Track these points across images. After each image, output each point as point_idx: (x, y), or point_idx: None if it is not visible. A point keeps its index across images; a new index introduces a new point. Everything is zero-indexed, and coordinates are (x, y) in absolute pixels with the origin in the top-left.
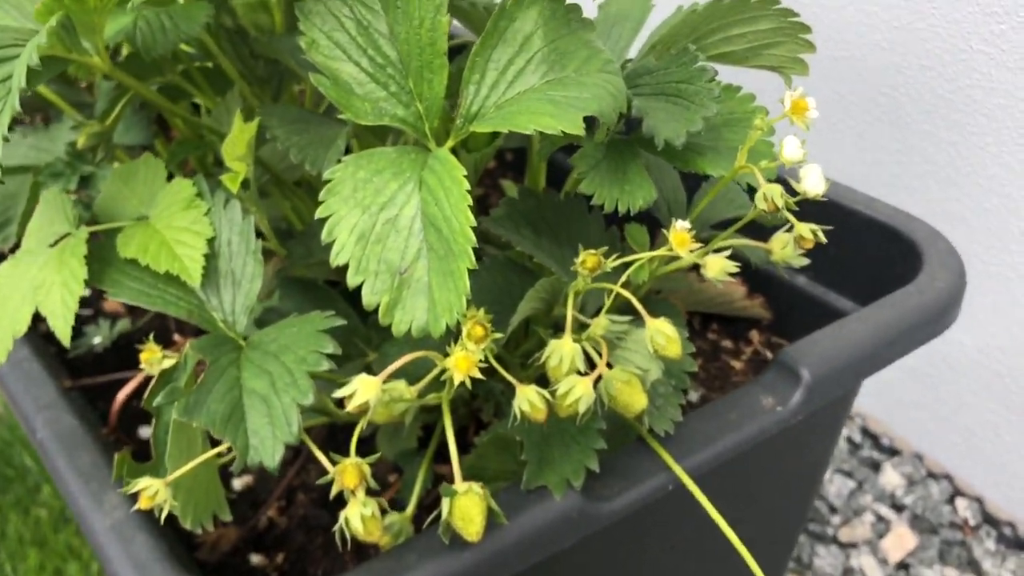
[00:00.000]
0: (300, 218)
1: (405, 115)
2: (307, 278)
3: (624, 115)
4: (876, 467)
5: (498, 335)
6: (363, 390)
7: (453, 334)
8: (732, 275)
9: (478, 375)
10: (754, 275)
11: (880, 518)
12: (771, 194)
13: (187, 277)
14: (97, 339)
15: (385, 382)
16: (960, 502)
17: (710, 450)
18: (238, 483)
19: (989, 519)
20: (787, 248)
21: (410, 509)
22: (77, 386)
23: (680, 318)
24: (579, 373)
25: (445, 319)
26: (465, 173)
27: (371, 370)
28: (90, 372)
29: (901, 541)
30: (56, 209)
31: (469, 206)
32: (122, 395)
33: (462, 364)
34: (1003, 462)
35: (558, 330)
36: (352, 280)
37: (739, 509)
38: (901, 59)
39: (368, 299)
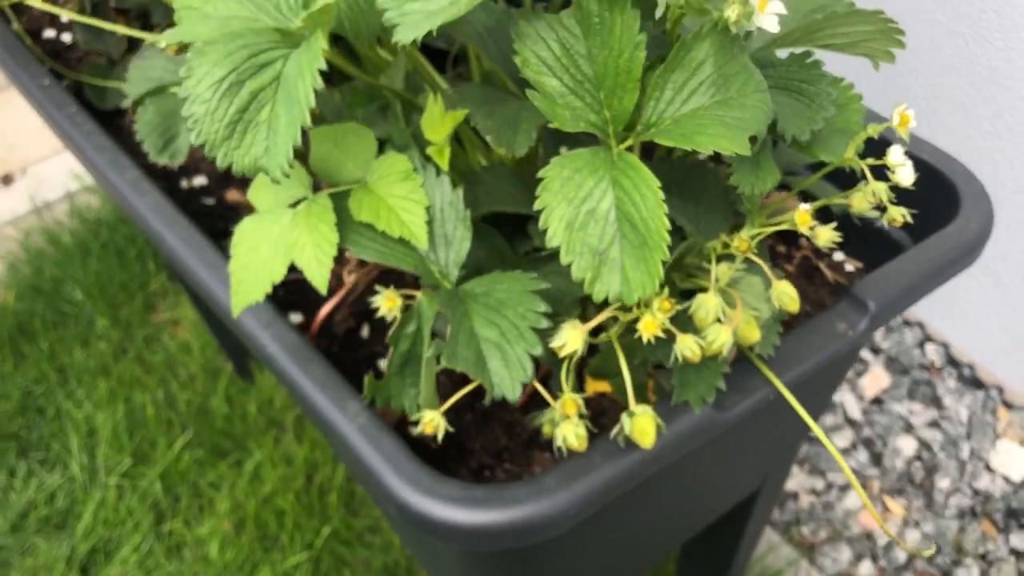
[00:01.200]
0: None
1: (596, 120)
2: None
3: None
4: None
5: (679, 307)
6: (572, 340)
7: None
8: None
9: (662, 335)
10: (805, 192)
11: (860, 359)
12: (878, 191)
13: (417, 241)
14: None
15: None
16: (929, 347)
17: (801, 367)
18: (385, 364)
19: (952, 361)
20: (864, 204)
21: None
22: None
23: (764, 246)
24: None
25: (638, 294)
26: (660, 184)
27: None
28: None
29: (876, 380)
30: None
31: (665, 213)
32: (323, 312)
33: (650, 327)
34: (968, 313)
35: (686, 274)
36: (564, 260)
37: (805, 401)
38: None
39: (576, 275)
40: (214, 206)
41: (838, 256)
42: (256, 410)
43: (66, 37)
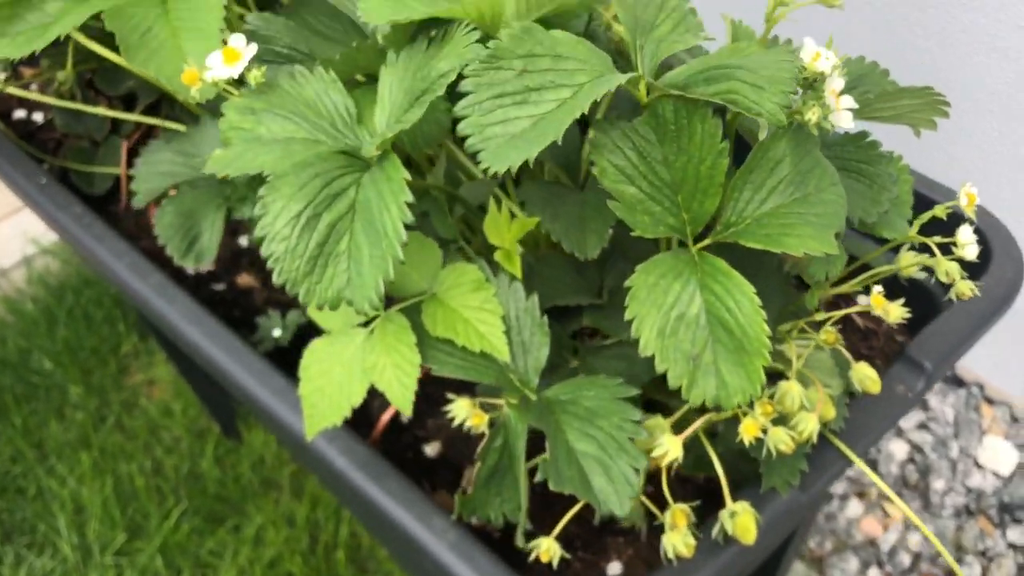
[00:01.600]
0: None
1: (674, 223)
2: None
3: None
4: None
5: (779, 410)
6: (673, 448)
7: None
8: None
9: (761, 436)
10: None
11: None
12: (951, 272)
13: (499, 354)
14: (277, 332)
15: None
16: None
17: (871, 436)
18: (431, 450)
19: None
20: (913, 268)
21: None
22: None
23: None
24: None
25: (738, 399)
26: (755, 290)
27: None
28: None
29: None
30: None
31: (764, 320)
32: (385, 418)
33: (751, 430)
34: None
35: None
36: (659, 368)
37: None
38: None
39: (672, 382)
40: (225, 291)
41: (862, 299)
42: (249, 470)
43: (37, 116)
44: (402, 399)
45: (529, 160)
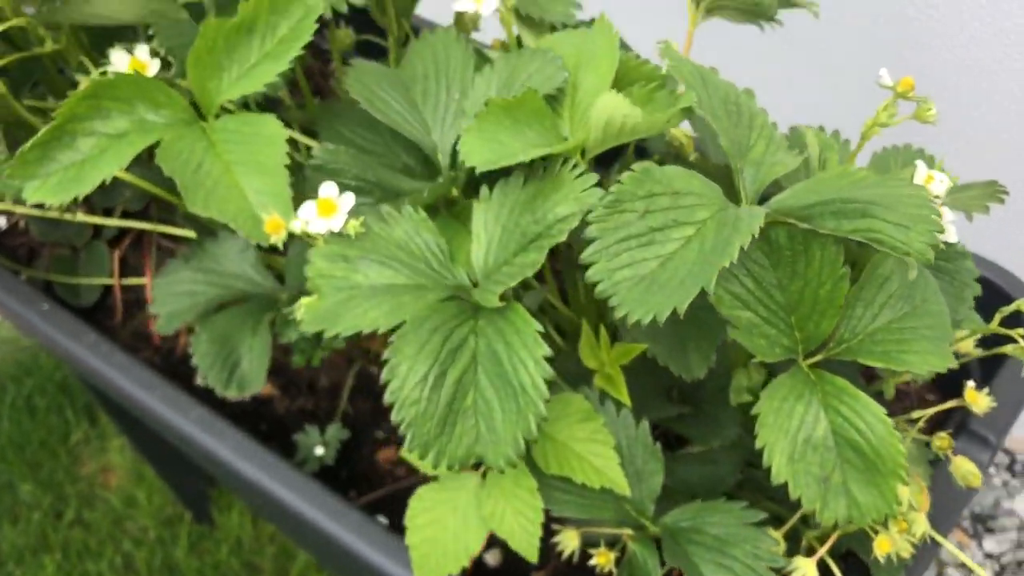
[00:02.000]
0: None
1: (788, 344)
2: None
3: None
4: None
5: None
6: (808, 572)
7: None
8: None
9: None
10: None
11: None
12: None
13: (620, 489)
14: (319, 450)
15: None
16: None
17: (952, 516)
18: (491, 558)
19: None
20: (970, 347)
21: None
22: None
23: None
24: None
25: (871, 517)
26: (886, 411)
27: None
28: (340, 487)
29: None
30: None
31: (899, 440)
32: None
33: (885, 546)
34: None
35: None
36: (793, 494)
37: None
38: None
39: (806, 506)
40: (245, 403)
41: None
42: (228, 555)
43: (0, 221)
44: (528, 547)
45: (679, 309)
